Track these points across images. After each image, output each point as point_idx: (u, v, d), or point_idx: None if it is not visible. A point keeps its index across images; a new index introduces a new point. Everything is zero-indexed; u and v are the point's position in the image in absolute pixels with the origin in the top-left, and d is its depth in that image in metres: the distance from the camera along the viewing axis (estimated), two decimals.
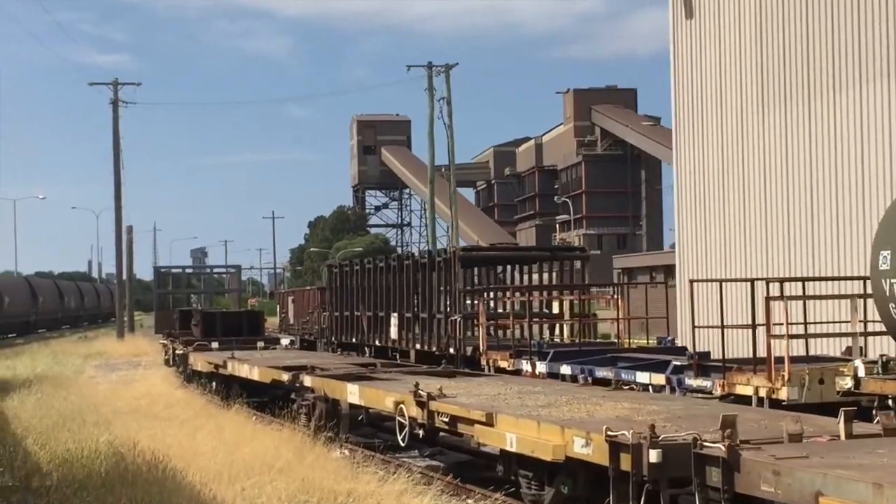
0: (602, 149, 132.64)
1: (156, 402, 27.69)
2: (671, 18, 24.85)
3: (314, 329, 36.89)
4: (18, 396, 26.94)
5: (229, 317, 31.58)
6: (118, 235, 56.82)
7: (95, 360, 47.50)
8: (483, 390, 16.37)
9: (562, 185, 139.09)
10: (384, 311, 29.34)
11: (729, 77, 23.20)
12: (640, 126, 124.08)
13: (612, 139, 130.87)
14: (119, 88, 56.22)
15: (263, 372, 22.74)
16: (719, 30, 23.36)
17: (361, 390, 17.58)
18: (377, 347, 29.67)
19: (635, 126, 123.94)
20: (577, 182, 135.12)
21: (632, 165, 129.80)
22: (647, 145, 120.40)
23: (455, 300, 24.45)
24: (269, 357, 26.17)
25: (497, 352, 23.20)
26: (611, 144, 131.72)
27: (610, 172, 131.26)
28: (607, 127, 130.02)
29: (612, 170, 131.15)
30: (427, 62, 59.98)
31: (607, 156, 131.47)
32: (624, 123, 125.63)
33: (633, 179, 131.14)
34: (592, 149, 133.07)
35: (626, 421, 12.38)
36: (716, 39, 23.50)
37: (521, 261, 26.75)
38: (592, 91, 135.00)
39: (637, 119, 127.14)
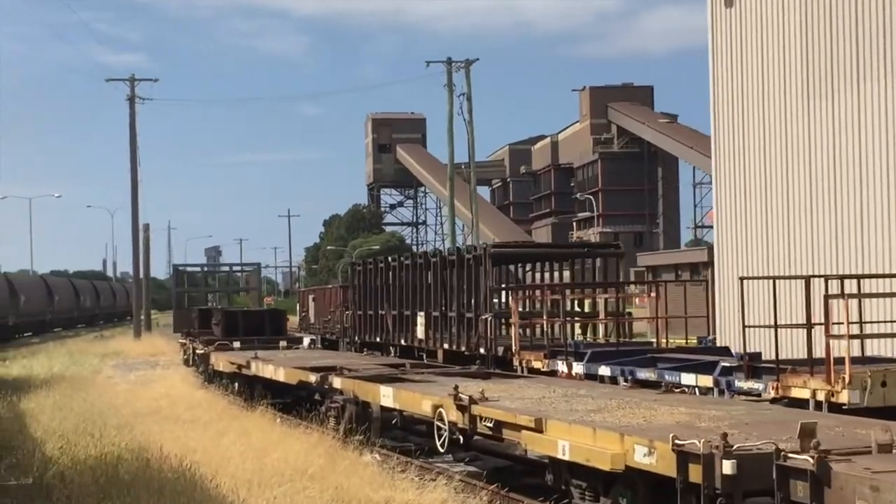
0: (618, 146, 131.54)
1: (176, 403, 26.93)
2: (710, 7, 23.97)
3: (336, 328, 36.06)
4: (36, 398, 26.22)
5: (251, 316, 30.79)
6: (135, 233, 56.05)
7: (112, 359, 46.80)
8: (525, 393, 15.54)
9: (578, 183, 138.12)
10: (410, 310, 28.54)
11: (771, 66, 22.31)
12: (656, 123, 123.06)
13: (629, 137, 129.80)
14: (136, 85, 55.64)
15: (289, 373, 21.94)
16: (761, 17, 22.48)
17: (396, 393, 16.77)
18: (402, 347, 28.87)
19: (652, 123, 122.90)
20: (593, 180, 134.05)
21: (648, 163, 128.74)
22: (665, 143, 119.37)
23: (486, 298, 23.64)
24: (293, 357, 25.38)
25: (530, 352, 22.37)
26: (627, 142, 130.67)
27: (626, 170, 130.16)
28: (624, 125, 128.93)
29: (629, 167, 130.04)
30: (447, 58, 59.19)
31: (624, 153, 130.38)
32: (641, 121, 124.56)
33: (650, 177, 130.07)
34: (609, 146, 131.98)
35: (689, 428, 11.56)
36: (757, 27, 22.61)
37: (555, 258, 25.89)
38: (609, 89, 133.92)
39: (654, 116, 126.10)
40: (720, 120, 23.97)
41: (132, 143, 54.98)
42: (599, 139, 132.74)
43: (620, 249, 24.77)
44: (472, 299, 24.70)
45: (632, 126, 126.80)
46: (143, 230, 57.33)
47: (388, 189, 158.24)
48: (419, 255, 28.38)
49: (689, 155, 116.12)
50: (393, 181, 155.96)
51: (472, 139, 58.20)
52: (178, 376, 35.65)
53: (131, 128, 55.17)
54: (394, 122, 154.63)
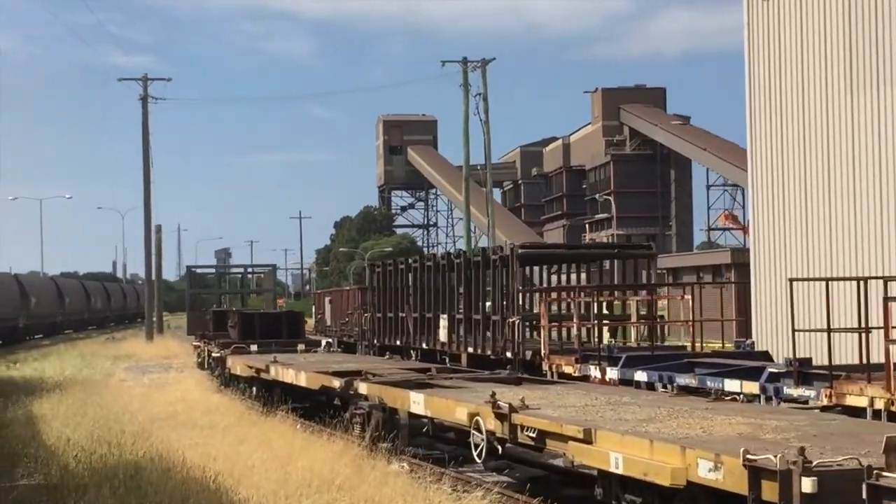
0: (631, 148, 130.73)
1: (192, 408, 26.15)
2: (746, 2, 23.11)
3: (354, 331, 35.21)
4: (49, 402, 25.46)
5: (268, 318, 29.92)
6: (147, 234, 55.27)
7: (125, 361, 46.05)
8: (566, 401, 14.71)
9: (590, 185, 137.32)
10: (432, 313, 27.71)
11: (811, 60, 21.44)
12: (669, 125, 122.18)
13: (641, 139, 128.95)
14: (149, 84, 54.91)
15: (311, 377, 21.13)
16: (800, 9, 21.61)
17: (427, 399, 15.94)
18: (424, 350, 28.04)
19: (665, 125, 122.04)
20: (605, 182, 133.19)
21: (661, 165, 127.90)
22: (677, 144, 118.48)
23: (513, 301, 22.82)
24: (313, 361, 24.57)
25: (561, 356, 21.54)
26: (639, 144, 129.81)
27: (638, 172, 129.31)
28: (636, 126, 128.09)
29: (641, 169, 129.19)
30: (462, 57, 58.39)
31: (636, 155, 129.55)
32: (653, 123, 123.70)
33: (663, 179, 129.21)
34: (621, 148, 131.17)
35: (753, 440, 10.74)
36: (796, 20, 21.74)
37: (584, 259, 25.04)
38: (621, 90, 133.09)
39: (666, 118, 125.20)
40: (756, 117, 23.10)
41: (145, 143, 54.35)
42: (612, 141, 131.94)
43: (652, 250, 23.93)
44: (498, 301, 23.86)
45: (644, 128, 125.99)
46: (156, 231, 56.58)
47: (398, 191, 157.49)
48: (442, 255, 27.54)
49: (703, 157, 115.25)
50: (404, 183, 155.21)
51: (488, 139, 57.54)
52: (193, 380, 34.87)
53: (144, 127, 54.49)
54: (405, 123, 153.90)
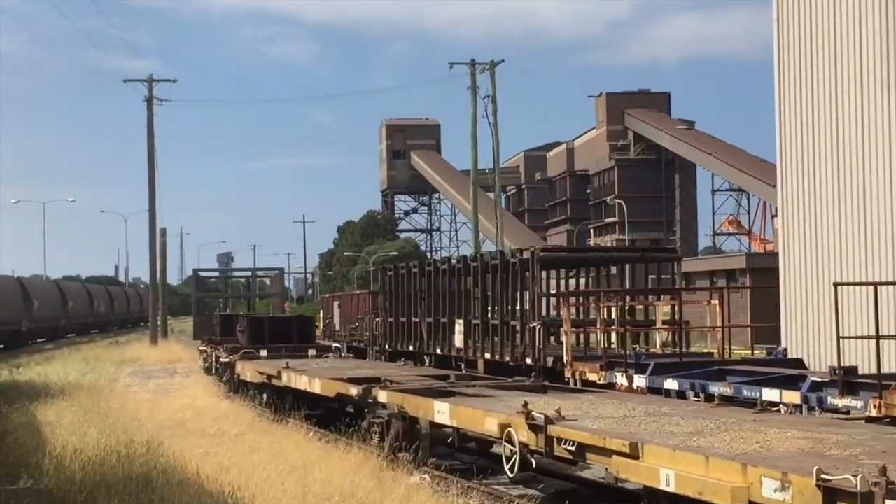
0: (635, 153, 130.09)
1: (201, 415, 25.34)
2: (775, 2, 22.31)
3: (364, 336, 34.34)
4: (54, 407, 24.61)
5: (278, 322, 29.08)
6: (152, 236, 54.45)
7: (129, 366, 45.22)
8: (601, 411, 13.89)
9: (594, 190, 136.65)
10: (447, 318, 26.89)
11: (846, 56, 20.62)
12: (674, 130, 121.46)
13: (646, 143, 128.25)
14: (154, 86, 54.04)
15: (326, 384, 20.30)
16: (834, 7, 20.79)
17: (453, 409, 15.11)
18: (438, 356, 27.21)
19: (670, 130, 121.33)
20: (609, 187, 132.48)
21: (665, 170, 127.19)
22: (683, 149, 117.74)
23: (533, 306, 21.99)
24: (327, 367, 23.75)
25: (584, 363, 20.70)
26: (644, 149, 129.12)
27: (643, 177, 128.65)
28: (640, 131, 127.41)
29: (646, 174, 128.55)
30: (470, 59, 57.64)
31: (640, 160, 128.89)
32: (658, 127, 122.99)
33: (667, 184, 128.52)
34: (625, 153, 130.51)
35: (817, 456, 9.92)
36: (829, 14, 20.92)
37: (606, 262, 24.19)
38: (625, 95, 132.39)
39: (671, 123, 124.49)
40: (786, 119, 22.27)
41: (150, 145, 53.46)
42: (616, 145, 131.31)
43: (677, 254, 23.05)
44: (517, 306, 23.04)
45: (649, 132, 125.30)
46: (160, 234, 55.75)
47: (402, 195, 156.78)
48: (457, 259, 26.71)
49: (708, 161, 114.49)
50: (407, 187, 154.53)
51: (496, 142, 56.75)
52: (200, 385, 34.05)
53: (149, 129, 53.65)
54: (408, 127, 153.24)
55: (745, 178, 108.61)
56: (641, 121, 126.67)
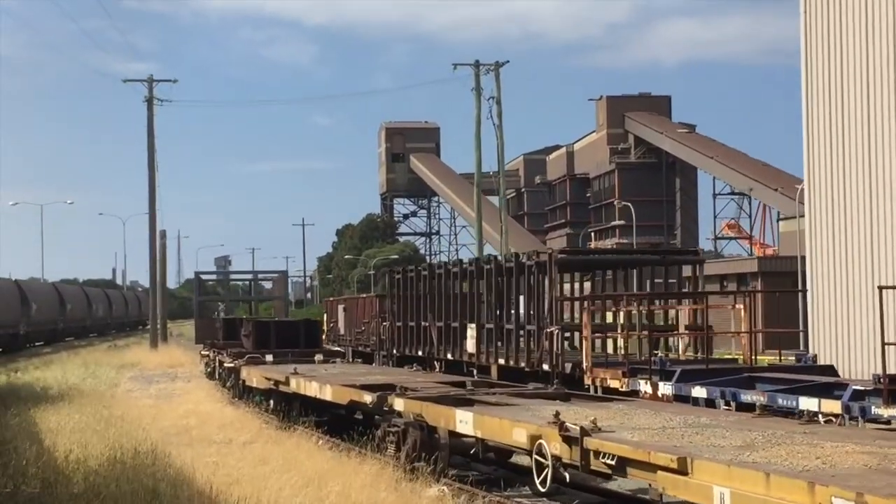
0: (636, 156, 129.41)
1: (206, 422, 24.55)
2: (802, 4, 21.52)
3: (371, 340, 33.50)
4: (55, 414, 23.79)
5: (284, 327, 28.21)
6: (152, 239, 53.54)
7: (129, 370, 44.40)
8: (636, 421, 13.10)
9: (594, 194, 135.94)
10: (458, 322, 26.10)
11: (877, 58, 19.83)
12: (675, 133, 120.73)
13: (646, 147, 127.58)
14: (154, 86, 53.18)
15: (338, 391, 19.50)
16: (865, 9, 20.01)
17: (478, 419, 14.31)
18: (449, 362, 26.41)
19: (671, 133, 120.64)
20: (609, 190, 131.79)
21: (666, 173, 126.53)
22: (684, 153, 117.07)
23: (552, 309, 21.20)
24: (337, 373, 22.94)
25: (605, 369, 19.91)
26: (645, 152, 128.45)
27: (643, 180, 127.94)
28: (641, 134, 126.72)
29: (646, 178, 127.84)
30: (474, 60, 56.87)
31: (641, 164, 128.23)
32: (659, 131, 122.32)
33: (668, 188, 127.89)
34: (626, 156, 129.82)
35: (888, 473, 9.15)
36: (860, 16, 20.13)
37: (627, 265, 23.36)
38: (626, 98, 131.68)
39: (672, 126, 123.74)
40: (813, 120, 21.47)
41: (150, 146, 52.62)
42: (616, 149, 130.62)
43: (699, 256, 22.26)
44: (534, 310, 22.23)
45: (650, 136, 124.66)
46: (161, 237, 54.89)
47: (401, 198, 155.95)
48: (469, 261, 25.91)
49: (710, 165, 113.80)
50: (406, 191, 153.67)
51: (501, 144, 55.96)
52: (203, 391, 33.25)
53: (149, 130, 52.81)
54: (407, 130, 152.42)
55: (747, 182, 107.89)
56: (642, 124, 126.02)
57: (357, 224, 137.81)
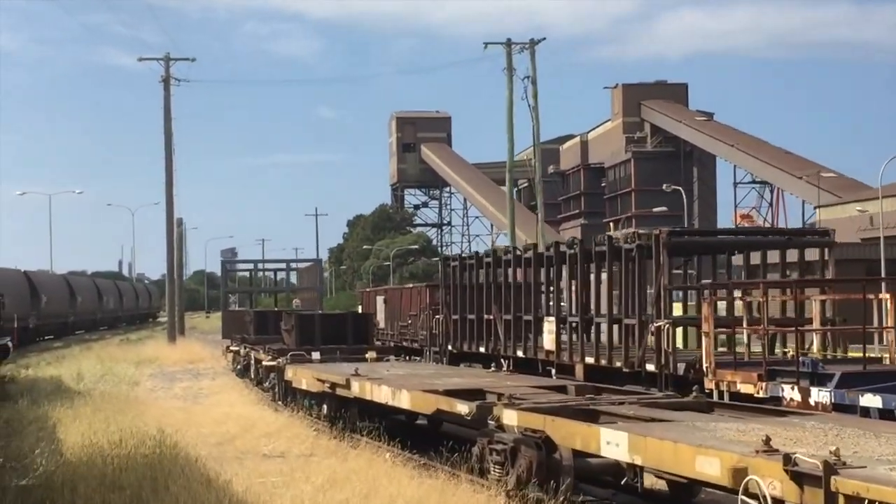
0: (652, 145, 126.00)
1: (248, 429, 21.21)
2: None
3: (420, 335, 30.11)
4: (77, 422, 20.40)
5: (330, 320, 24.74)
6: (169, 226, 49.97)
7: (148, 367, 41.03)
8: (870, 449, 9.75)
9: (609, 183, 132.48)
10: (532, 314, 22.76)
11: None
12: (693, 121, 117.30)
13: (663, 135, 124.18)
14: (172, 64, 49.78)
15: (419, 399, 16.15)
16: None
17: (637, 442, 10.94)
18: (519, 360, 23.08)
19: (689, 121, 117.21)
20: (625, 180, 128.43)
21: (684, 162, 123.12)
22: (702, 141, 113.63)
23: (659, 300, 17.89)
24: (403, 374, 19.59)
25: (734, 371, 16.57)
26: (661, 141, 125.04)
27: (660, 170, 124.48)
28: (658, 122, 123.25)
29: (663, 167, 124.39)
30: (506, 39, 53.47)
31: (658, 153, 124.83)
32: (677, 119, 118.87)
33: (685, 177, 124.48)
34: (642, 145, 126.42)
35: None
36: None
37: (747, 247, 19.98)
38: (642, 86, 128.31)
39: (690, 114, 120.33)
40: None
41: (167, 128, 49.12)
42: (632, 138, 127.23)
43: (831, 238, 18.94)
44: (633, 301, 18.91)
45: (667, 124, 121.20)
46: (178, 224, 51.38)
47: (412, 189, 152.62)
48: (548, 246, 22.57)
49: (730, 153, 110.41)
50: (417, 181, 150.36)
51: (536, 126, 52.64)
52: (234, 391, 29.92)
53: (166, 111, 49.34)
54: (419, 120, 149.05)
55: (768, 170, 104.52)
56: (659, 112, 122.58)
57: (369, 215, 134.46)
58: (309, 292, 37.45)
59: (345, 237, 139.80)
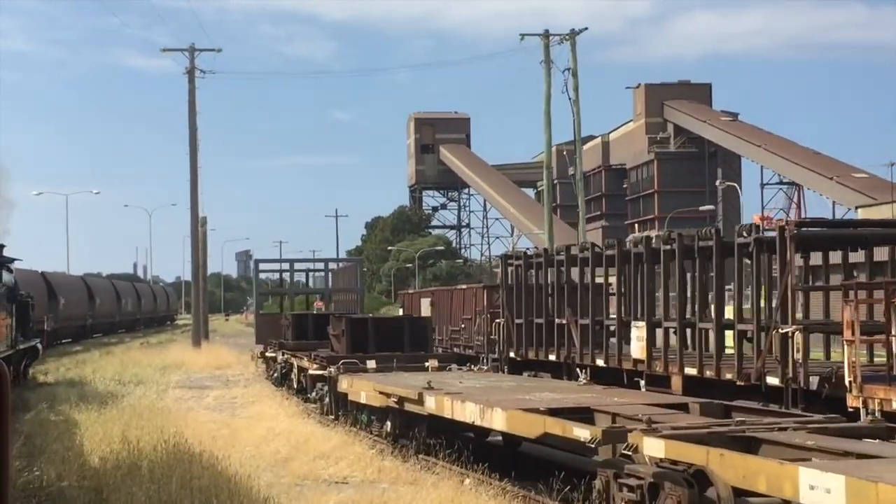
0: (675, 146, 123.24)
1: (299, 449, 18.57)
2: None
3: (476, 341, 27.27)
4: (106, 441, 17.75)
5: (385, 325, 21.91)
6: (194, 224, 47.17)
7: (174, 373, 38.41)
8: None
9: (631, 185, 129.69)
10: (617, 318, 20.07)
11: None
12: (719, 121, 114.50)
13: (686, 136, 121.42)
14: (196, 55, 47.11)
15: (518, 419, 13.46)
16: None
17: (860, 488, 8.24)
18: (598, 369, 20.40)
19: (714, 121, 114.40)
20: (648, 181, 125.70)
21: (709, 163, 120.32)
22: (729, 141, 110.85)
23: (785, 302, 15.21)
24: (481, 387, 16.91)
25: (887, 387, 13.85)
26: (685, 142, 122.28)
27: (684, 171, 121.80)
28: (682, 123, 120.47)
29: (687, 168, 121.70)
30: (544, 30, 50.76)
31: (681, 153, 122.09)
32: (701, 119, 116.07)
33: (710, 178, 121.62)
34: (665, 146, 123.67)
35: None
36: None
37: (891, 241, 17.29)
38: (665, 86, 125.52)
39: (714, 115, 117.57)
40: None
41: (191, 121, 46.34)
42: (655, 138, 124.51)
43: None
44: (752, 304, 16.25)
45: (691, 124, 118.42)
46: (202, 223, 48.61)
47: (430, 190, 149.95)
48: (635, 241, 19.87)
49: (757, 154, 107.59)
50: (436, 182, 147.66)
51: (577, 120, 49.93)
52: (272, 401, 27.22)
53: (190, 104, 46.56)
54: (437, 121, 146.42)
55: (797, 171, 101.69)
56: (683, 112, 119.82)
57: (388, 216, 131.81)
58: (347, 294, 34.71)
59: (363, 239, 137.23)
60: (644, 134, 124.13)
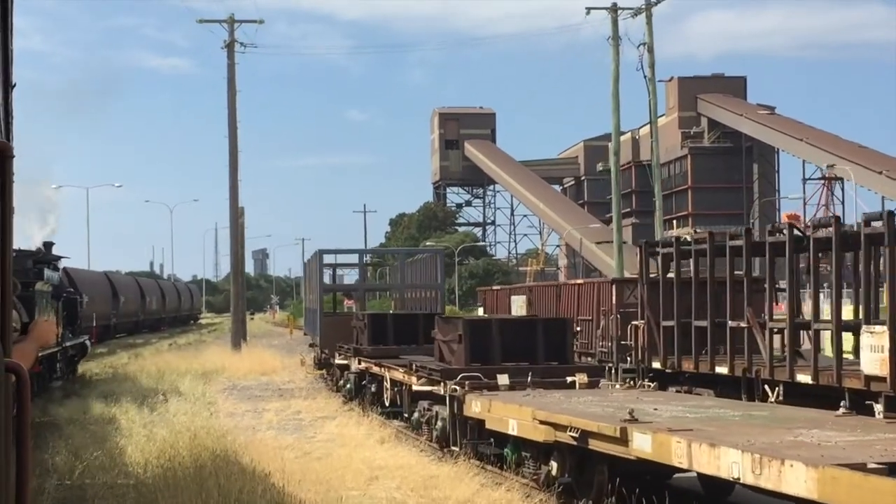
0: (709, 141, 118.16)
1: (424, 496, 13.49)
2: None
3: (600, 347, 22.07)
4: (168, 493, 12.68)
5: (513, 329, 16.71)
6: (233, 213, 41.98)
7: (215, 380, 33.33)
8: None
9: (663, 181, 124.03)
10: (834, 319, 15.00)
11: None
12: (756, 115, 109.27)
13: (721, 130, 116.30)
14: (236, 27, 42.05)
15: (853, 483, 8.34)
16: None
17: None
18: (797, 387, 15.37)
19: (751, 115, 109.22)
20: (681, 177, 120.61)
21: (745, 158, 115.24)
22: (767, 135, 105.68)
23: None
24: (705, 418, 11.80)
25: None
26: (719, 136, 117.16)
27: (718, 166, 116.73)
28: (717, 117, 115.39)
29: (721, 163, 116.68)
30: (612, 3, 45.73)
31: (716, 148, 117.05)
32: (737, 113, 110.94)
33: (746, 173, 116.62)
34: (699, 141, 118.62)
35: None
36: None
37: None
38: (698, 79, 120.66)
39: (751, 108, 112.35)
40: None
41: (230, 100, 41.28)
42: (688, 133, 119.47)
43: None
44: None
45: (727, 118, 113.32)
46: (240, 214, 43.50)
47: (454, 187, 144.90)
48: (866, 219, 14.79)
49: (798, 147, 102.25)
50: (460, 178, 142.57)
51: (654, 99, 45.13)
52: (348, 418, 22.08)
53: (229, 79, 41.50)
54: (462, 116, 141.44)
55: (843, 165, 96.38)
56: (718, 106, 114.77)
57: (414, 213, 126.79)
58: (424, 290, 29.66)
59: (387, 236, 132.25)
60: (677, 128, 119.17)
